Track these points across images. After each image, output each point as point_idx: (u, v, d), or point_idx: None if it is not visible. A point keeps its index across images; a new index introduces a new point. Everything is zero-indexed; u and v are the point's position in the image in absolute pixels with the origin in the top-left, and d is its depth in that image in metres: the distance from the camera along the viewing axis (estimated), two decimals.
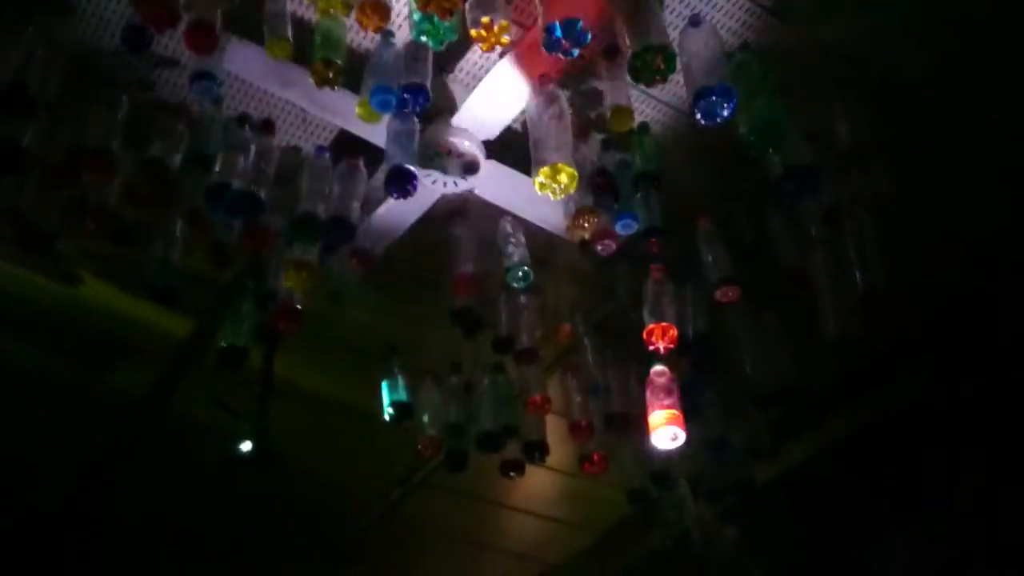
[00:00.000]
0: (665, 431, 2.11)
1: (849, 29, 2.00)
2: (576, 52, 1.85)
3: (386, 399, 2.37)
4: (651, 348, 2.04)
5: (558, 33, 1.84)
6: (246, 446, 2.41)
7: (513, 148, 2.19)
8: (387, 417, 2.36)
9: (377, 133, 2.06)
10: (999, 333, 2.65)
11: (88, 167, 1.83)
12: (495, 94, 2.07)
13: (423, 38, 1.83)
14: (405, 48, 1.94)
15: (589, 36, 1.81)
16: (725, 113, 1.76)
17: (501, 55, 1.99)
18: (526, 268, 2.21)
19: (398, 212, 2.27)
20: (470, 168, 2.15)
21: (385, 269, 2.52)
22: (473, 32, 1.80)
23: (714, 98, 1.74)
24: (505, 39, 1.92)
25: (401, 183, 1.91)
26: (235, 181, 1.91)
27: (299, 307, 2.12)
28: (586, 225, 2.06)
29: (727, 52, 1.88)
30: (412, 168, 1.91)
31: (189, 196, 2.01)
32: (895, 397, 2.87)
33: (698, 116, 1.75)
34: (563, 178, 1.87)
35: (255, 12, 1.89)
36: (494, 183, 2.24)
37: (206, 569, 3.63)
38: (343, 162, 2.08)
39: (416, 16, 1.79)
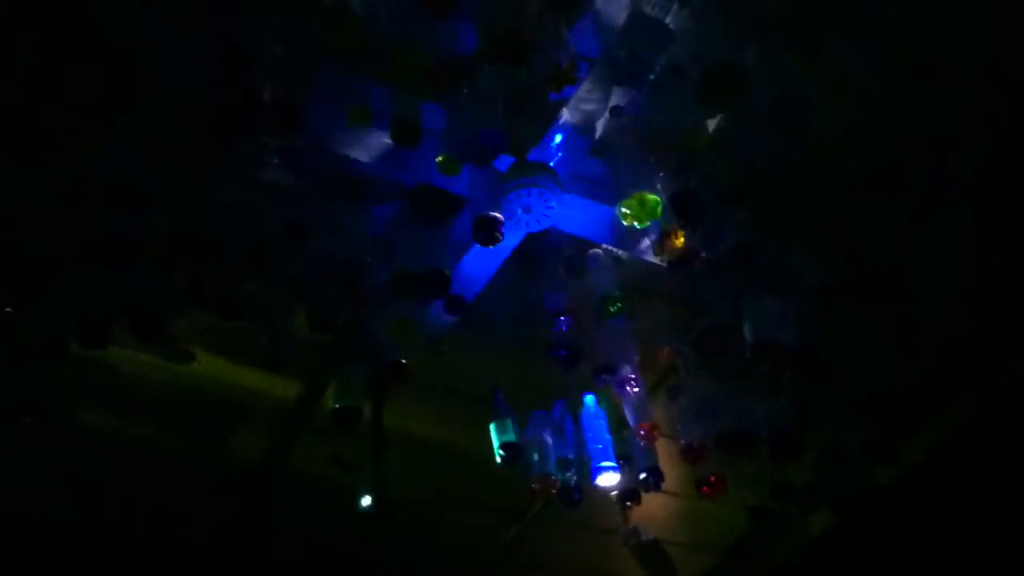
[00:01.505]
0: None
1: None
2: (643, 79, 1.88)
3: (496, 441, 2.39)
4: (761, 365, 2.02)
5: (625, 64, 1.87)
6: (366, 500, 2.46)
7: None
8: (499, 459, 2.38)
9: (458, 183, 2.12)
10: None
11: (196, 252, 1.93)
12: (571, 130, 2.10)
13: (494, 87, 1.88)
14: (477, 96, 1.98)
15: (656, 64, 1.84)
16: (803, 122, 1.75)
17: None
18: (618, 296, 2.23)
19: (485, 256, 2.32)
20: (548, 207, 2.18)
21: (479, 312, 2.58)
22: (544, 74, 1.85)
23: (788, 109, 1.74)
24: (574, 77, 1.96)
25: (488, 231, 1.95)
26: (335, 249, 1.98)
27: (403, 360, 2.18)
28: (673, 246, 2.07)
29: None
30: (497, 215, 1.95)
31: (290, 265, 2.10)
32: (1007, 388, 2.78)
33: (775, 128, 1.74)
34: (648, 206, 1.89)
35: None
36: (575, 216, 2.27)
37: None
38: (431, 216, 2.14)
39: (486, 66, 1.84)
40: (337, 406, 2.21)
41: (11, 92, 1.86)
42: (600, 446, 2.39)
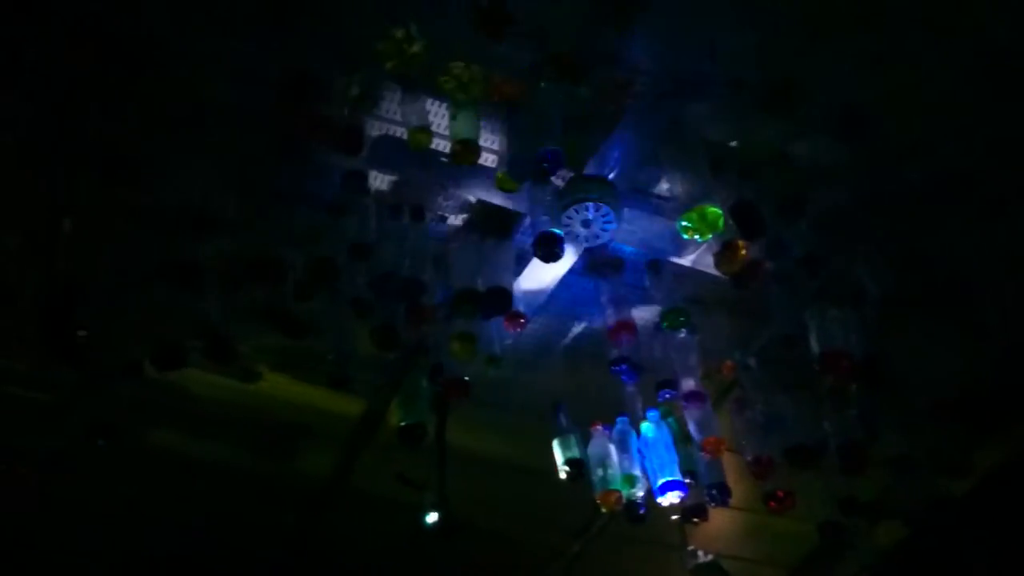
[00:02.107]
0: None
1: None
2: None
3: (560, 457, 2.38)
4: (828, 376, 1.99)
5: (682, 78, 1.87)
6: (431, 517, 2.47)
7: None
8: (563, 475, 2.37)
9: (517, 200, 2.14)
10: None
11: (263, 273, 1.97)
12: (629, 144, 2.10)
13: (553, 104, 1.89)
14: (535, 113, 1.99)
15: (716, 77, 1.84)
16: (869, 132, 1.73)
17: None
18: (681, 309, 2.21)
19: (545, 271, 2.33)
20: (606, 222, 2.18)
21: (539, 327, 2.59)
22: (601, 91, 1.86)
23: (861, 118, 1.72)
24: (632, 91, 1.97)
25: (549, 247, 1.96)
26: (397, 269, 2.01)
27: (466, 377, 2.19)
28: (735, 258, 2.05)
29: None
30: (558, 231, 1.96)
31: (353, 285, 2.14)
32: None
33: (847, 137, 1.72)
34: (709, 219, 1.89)
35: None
36: (634, 230, 2.26)
37: None
38: (492, 234, 2.16)
39: (544, 84, 1.86)
40: (403, 423, 2.23)
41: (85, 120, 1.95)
42: (665, 461, 2.37)
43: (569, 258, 2.26)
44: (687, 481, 2.36)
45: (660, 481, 2.36)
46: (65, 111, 1.97)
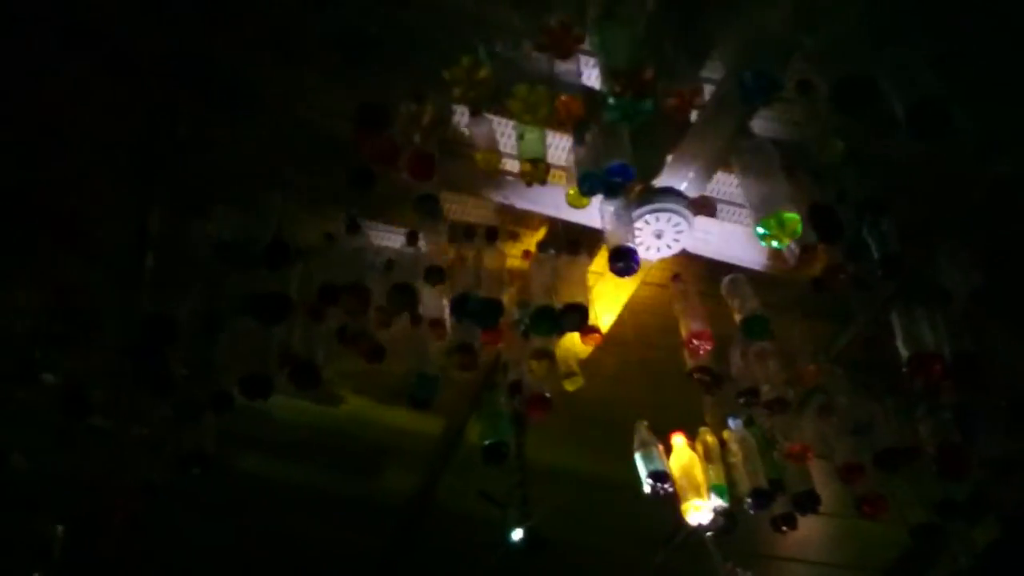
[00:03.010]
0: None
1: None
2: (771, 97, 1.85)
3: (643, 471, 2.37)
4: (918, 379, 1.94)
5: (750, 83, 1.85)
6: (517, 534, 2.48)
7: None
8: (647, 488, 2.36)
9: (588, 215, 2.15)
10: None
11: (347, 301, 2.01)
12: (697, 153, 2.08)
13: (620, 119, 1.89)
14: (603, 128, 1.99)
15: (783, 80, 1.81)
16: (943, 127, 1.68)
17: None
18: (761, 317, 2.19)
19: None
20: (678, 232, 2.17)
21: (615, 341, 2.58)
22: (668, 102, 1.85)
23: (931, 113, 1.67)
24: (698, 101, 1.96)
25: (625, 262, 1.95)
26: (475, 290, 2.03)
27: (547, 394, 2.20)
28: (814, 262, 2.02)
29: None
30: (632, 246, 1.96)
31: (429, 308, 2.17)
32: None
33: (924, 134, 1.68)
34: (787, 224, 1.86)
35: None
36: (706, 239, 2.25)
37: None
38: (564, 251, 2.17)
39: (610, 100, 1.86)
40: (486, 443, 2.24)
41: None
42: (749, 469, 2.34)
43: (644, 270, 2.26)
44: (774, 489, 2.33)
45: (746, 490, 2.33)
46: (146, 146, 2.05)
